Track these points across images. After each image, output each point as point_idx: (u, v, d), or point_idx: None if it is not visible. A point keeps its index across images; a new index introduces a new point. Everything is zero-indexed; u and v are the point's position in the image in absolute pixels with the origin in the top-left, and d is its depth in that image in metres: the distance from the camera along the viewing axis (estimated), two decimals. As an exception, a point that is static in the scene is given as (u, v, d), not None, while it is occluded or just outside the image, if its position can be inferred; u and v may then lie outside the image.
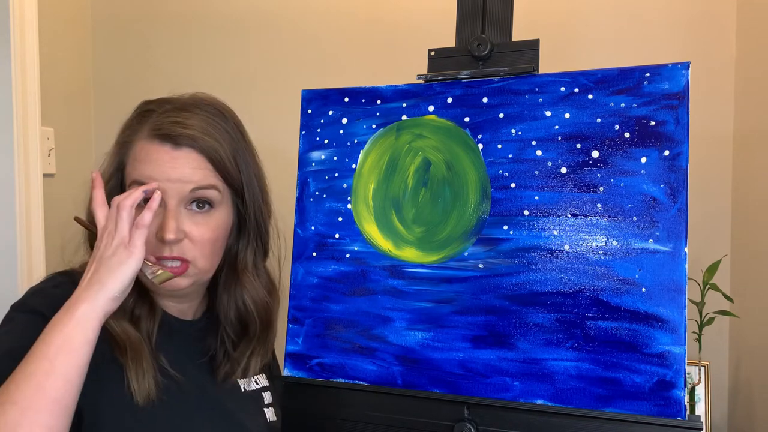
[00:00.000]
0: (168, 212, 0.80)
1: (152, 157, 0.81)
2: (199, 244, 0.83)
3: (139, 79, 1.77)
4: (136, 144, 0.84)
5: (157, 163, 0.81)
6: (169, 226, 0.79)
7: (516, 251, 0.88)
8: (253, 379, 0.94)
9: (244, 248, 0.91)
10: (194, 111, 0.85)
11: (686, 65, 0.83)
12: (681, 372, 0.78)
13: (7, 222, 1.47)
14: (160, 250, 0.81)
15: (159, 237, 0.80)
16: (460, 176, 0.92)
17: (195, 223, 0.83)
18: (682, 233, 0.81)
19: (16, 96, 1.46)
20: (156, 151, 0.82)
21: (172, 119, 0.83)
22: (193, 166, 0.82)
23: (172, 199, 0.81)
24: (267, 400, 0.95)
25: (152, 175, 0.81)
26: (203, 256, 0.84)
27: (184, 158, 0.82)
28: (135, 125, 0.85)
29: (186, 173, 0.81)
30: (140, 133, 0.84)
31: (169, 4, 1.76)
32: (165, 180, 0.80)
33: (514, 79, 0.91)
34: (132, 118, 0.87)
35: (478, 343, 0.88)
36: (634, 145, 0.84)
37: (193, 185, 0.82)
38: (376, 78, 1.15)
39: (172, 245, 0.81)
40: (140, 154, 0.83)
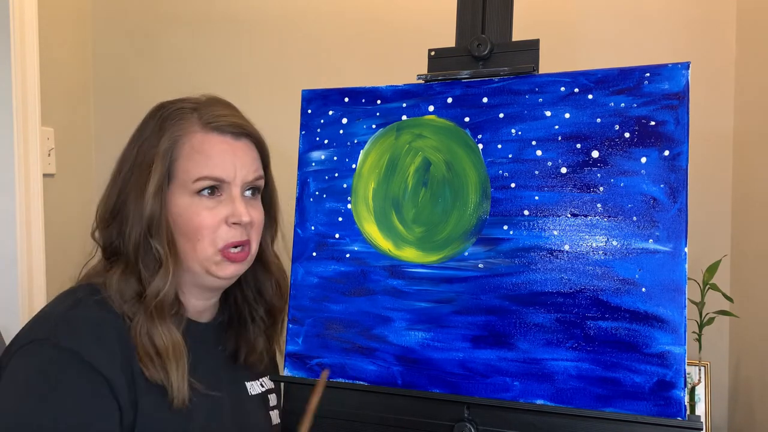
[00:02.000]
0: (236, 199, 0.85)
1: (217, 149, 0.85)
2: (257, 226, 0.89)
3: (139, 79, 1.77)
4: (190, 137, 0.85)
5: (223, 155, 0.85)
6: (242, 210, 0.85)
7: (516, 251, 0.88)
8: (258, 381, 0.95)
9: (266, 231, 0.96)
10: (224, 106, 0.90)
11: (686, 65, 0.83)
12: (681, 372, 0.78)
13: (7, 222, 1.46)
14: (232, 235, 0.85)
15: (232, 221, 0.85)
16: (460, 176, 0.92)
17: (252, 208, 0.89)
18: (682, 233, 0.81)
19: (16, 96, 1.46)
20: (220, 142, 0.85)
21: (217, 112, 0.87)
22: (252, 156, 0.89)
23: (238, 187, 0.86)
24: (272, 403, 0.96)
25: (221, 166, 0.84)
26: (257, 239, 0.90)
27: (244, 148, 0.88)
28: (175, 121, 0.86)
29: (247, 163, 0.88)
30: (191, 127, 0.85)
31: (169, 5, 1.76)
32: (231, 170, 0.85)
33: (514, 79, 0.91)
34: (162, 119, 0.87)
35: (478, 343, 0.88)
36: (634, 145, 0.84)
37: (253, 175, 0.88)
38: (376, 78, 1.15)
39: (243, 228, 0.86)
40: (201, 147, 0.84)
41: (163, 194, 0.84)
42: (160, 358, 0.80)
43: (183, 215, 0.84)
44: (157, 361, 0.79)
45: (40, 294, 1.51)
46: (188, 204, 0.84)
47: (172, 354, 0.80)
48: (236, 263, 0.86)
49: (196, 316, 0.91)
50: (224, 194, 0.85)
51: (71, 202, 1.71)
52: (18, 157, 1.47)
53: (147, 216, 0.83)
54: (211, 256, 0.84)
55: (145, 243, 0.83)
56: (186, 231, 0.84)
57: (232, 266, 0.86)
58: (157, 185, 0.83)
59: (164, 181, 0.84)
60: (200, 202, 0.84)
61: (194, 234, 0.83)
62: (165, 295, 0.82)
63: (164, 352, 0.80)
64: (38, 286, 1.52)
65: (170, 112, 0.87)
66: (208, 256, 0.84)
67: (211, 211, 0.84)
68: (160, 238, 0.83)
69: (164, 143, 0.85)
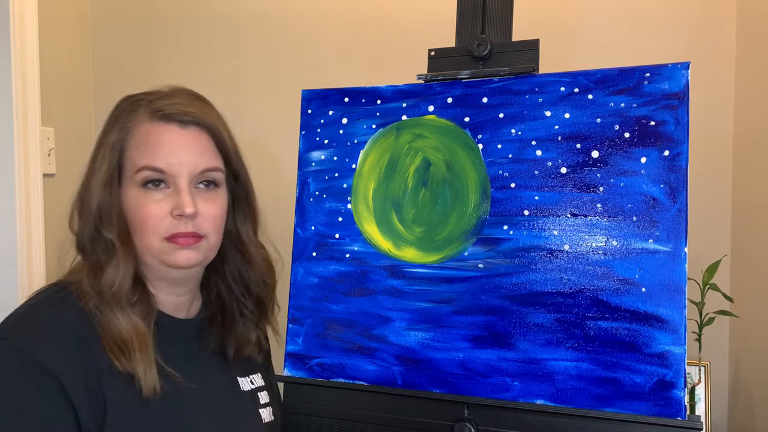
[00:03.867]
0: (182, 190, 0.83)
1: (161, 138, 0.83)
2: (211, 219, 0.86)
3: (139, 79, 1.76)
4: (137, 128, 0.84)
5: (167, 144, 0.83)
6: (185, 201, 0.82)
7: (516, 251, 0.88)
8: (249, 378, 0.94)
9: (243, 223, 0.94)
10: (185, 96, 0.87)
11: (686, 65, 0.83)
12: (681, 372, 0.78)
13: (7, 222, 1.46)
14: (176, 227, 0.83)
15: (176, 213, 0.82)
16: (460, 176, 0.92)
17: (205, 200, 0.85)
18: (682, 233, 0.81)
19: (16, 96, 1.46)
20: (164, 131, 0.83)
21: (169, 101, 0.85)
22: (201, 146, 0.85)
23: (184, 178, 0.83)
24: (263, 400, 0.95)
25: (164, 156, 0.82)
26: (214, 232, 0.87)
27: (192, 137, 0.84)
28: (130, 112, 0.85)
29: (195, 153, 0.84)
30: (139, 117, 0.84)
31: (169, 5, 1.76)
32: (176, 160, 0.83)
33: (514, 79, 0.91)
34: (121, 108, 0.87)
35: (478, 343, 0.88)
36: (634, 145, 0.84)
37: (202, 167, 0.85)
38: (376, 78, 1.15)
39: (188, 220, 0.83)
40: (146, 137, 0.83)
41: (113, 186, 0.84)
42: (125, 346, 0.80)
43: (132, 208, 0.83)
44: (123, 349, 0.79)
45: (40, 294, 1.51)
46: (135, 196, 0.83)
47: (136, 341, 0.80)
48: (186, 248, 0.84)
49: (172, 311, 0.90)
50: (171, 186, 0.83)
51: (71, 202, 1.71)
52: (18, 157, 1.47)
53: (96, 207, 0.83)
54: (158, 246, 0.83)
55: (97, 234, 0.84)
56: (134, 223, 0.84)
57: (184, 252, 0.84)
58: (106, 177, 0.83)
59: (114, 173, 0.84)
60: (146, 194, 0.83)
61: (141, 226, 0.83)
62: (119, 285, 0.82)
63: (128, 341, 0.80)
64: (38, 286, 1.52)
65: (127, 103, 0.87)
66: (155, 246, 0.83)
67: (157, 204, 0.83)
68: (110, 229, 0.83)
69: (114, 134, 0.85)
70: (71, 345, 0.78)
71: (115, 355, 0.79)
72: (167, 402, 0.82)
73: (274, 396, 0.98)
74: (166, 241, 0.83)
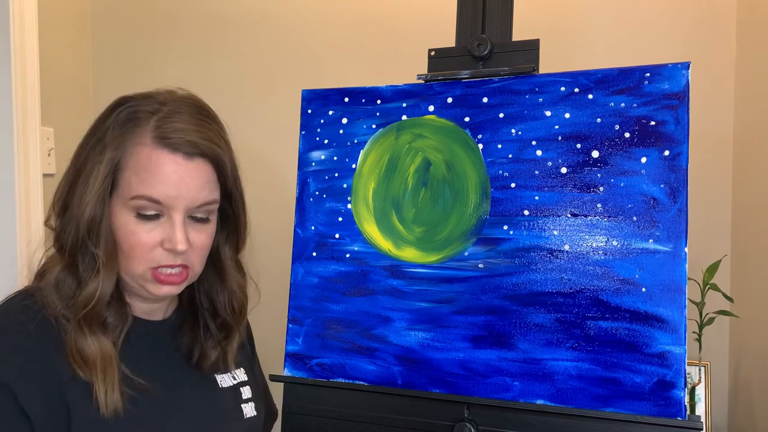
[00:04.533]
0: (176, 223, 0.80)
1: (164, 169, 0.79)
2: (200, 251, 0.83)
3: (139, 79, 1.77)
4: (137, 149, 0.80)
5: (170, 176, 0.79)
6: (179, 237, 0.79)
7: (516, 251, 0.88)
8: (230, 373, 0.93)
9: (224, 242, 0.90)
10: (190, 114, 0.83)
11: (686, 65, 0.83)
12: (681, 372, 0.78)
13: (7, 222, 1.46)
14: (165, 258, 0.81)
15: (167, 247, 0.80)
16: (460, 176, 0.92)
17: (197, 232, 0.83)
18: (682, 233, 0.81)
19: (16, 96, 1.46)
20: (167, 162, 0.79)
21: (176, 125, 0.81)
22: (204, 179, 0.81)
23: (180, 212, 0.80)
24: (246, 395, 0.94)
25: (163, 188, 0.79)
26: (201, 262, 0.85)
27: (197, 171, 0.81)
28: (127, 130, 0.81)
29: (197, 187, 0.81)
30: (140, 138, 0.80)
31: (169, 5, 1.76)
32: (175, 194, 0.79)
33: (514, 79, 0.91)
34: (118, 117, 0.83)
35: (478, 343, 0.88)
36: (634, 145, 0.84)
37: (201, 201, 0.81)
38: (376, 78, 1.15)
39: (177, 254, 0.81)
40: (147, 163, 0.79)
41: (105, 202, 0.80)
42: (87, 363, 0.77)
43: (121, 230, 0.80)
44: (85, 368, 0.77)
45: (40, 294, 1.51)
46: (126, 221, 0.80)
47: (100, 364, 0.78)
48: (170, 285, 0.82)
49: (147, 315, 0.89)
50: (164, 216, 0.80)
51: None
52: (18, 157, 1.47)
53: (86, 221, 0.80)
54: (142, 274, 0.81)
55: (83, 247, 0.81)
56: (121, 245, 0.81)
57: (166, 287, 0.82)
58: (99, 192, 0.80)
59: (107, 189, 0.80)
60: (138, 220, 0.80)
61: (128, 252, 0.80)
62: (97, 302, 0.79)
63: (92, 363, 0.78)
64: (38, 286, 1.52)
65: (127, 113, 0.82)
66: (139, 273, 0.81)
67: (149, 233, 0.80)
68: (97, 245, 0.80)
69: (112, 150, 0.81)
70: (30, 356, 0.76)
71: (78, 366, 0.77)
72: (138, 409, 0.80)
73: (258, 390, 0.96)
74: (151, 271, 0.81)
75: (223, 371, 0.92)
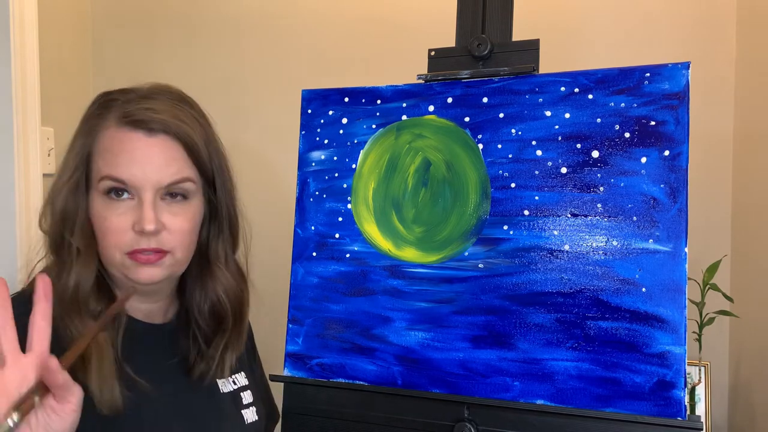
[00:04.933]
0: (145, 203, 0.78)
1: (125, 147, 0.78)
2: (178, 234, 0.81)
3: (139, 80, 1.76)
4: (103, 133, 0.79)
5: (131, 153, 0.78)
6: (147, 216, 0.77)
7: (516, 251, 0.88)
8: (230, 378, 0.91)
9: (215, 239, 0.88)
10: (160, 98, 0.82)
11: (686, 65, 0.83)
12: (681, 372, 0.78)
13: (7, 222, 1.46)
14: (137, 242, 0.78)
15: (137, 229, 0.78)
16: (460, 176, 0.92)
17: (172, 214, 0.80)
18: (682, 233, 0.81)
19: (16, 96, 1.46)
20: (129, 139, 0.78)
21: (141, 105, 0.79)
22: (169, 155, 0.79)
23: (148, 191, 0.78)
24: (246, 400, 0.92)
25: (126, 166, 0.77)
26: (182, 247, 0.82)
27: (160, 146, 0.79)
28: (98, 115, 0.81)
29: (161, 164, 0.78)
30: (107, 122, 0.80)
31: (169, 4, 1.76)
32: (139, 172, 0.77)
33: (514, 79, 0.91)
34: (93, 108, 0.83)
35: (478, 343, 0.88)
36: (634, 145, 0.84)
37: (169, 179, 0.79)
38: (376, 78, 1.15)
39: (150, 237, 0.78)
40: (110, 144, 0.78)
41: (79, 191, 0.80)
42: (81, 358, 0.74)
43: (95, 218, 0.80)
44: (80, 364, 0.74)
45: (40, 294, 1.51)
46: (100, 206, 0.79)
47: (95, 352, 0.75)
48: (148, 266, 0.79)
49: (146, 317, 0.87)
50: (135, 198, 0.78)
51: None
52: (18, 157, 1.47)
53: (60, 211, 0.80)
54: (120, 261, 0.79)
55: (60, 239, 0.81)
56: (98, 233, 0.80)
57: (146, 269, 0.79)
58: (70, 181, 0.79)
59: (81, 178, 0.80)
60: (110, 205, 0.78)
61: (103, 238, 0.79)
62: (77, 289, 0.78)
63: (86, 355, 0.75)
64: (38, 286, 1.52)
65: (101, 102, 0.82)
66: (117, 261, 0.79)
67: (119, 217, 0.78)
68: (72, 234, 0.80)
69: (81, 138, 0.81)
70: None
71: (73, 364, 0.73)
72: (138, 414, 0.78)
73: (259, 393, 0.95)
74: (128, 256, 0.79)
75: (223, 376, 0.90)
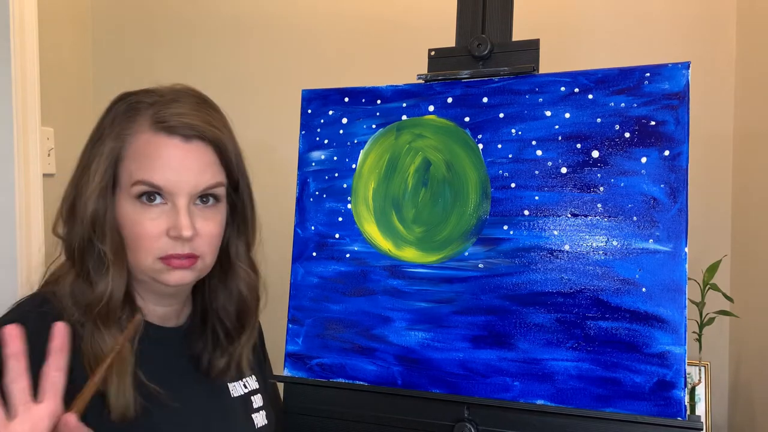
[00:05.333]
0: (181, 209, 0.78)
1: (162, 152, 0.78)
2: (209, 238, 0.81)
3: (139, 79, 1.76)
4: (136, 137, 0.79)
5: (167, 159, 0.78)
6: (184, 222, 0.77)
7: (516, 251, 0.88)
8: (241, 381, 0.92)
9: (235, 238, 0.88)
10: (188, 101, 0.82)
11: (686, 65, 0.83)
12: (681, 372, 0.78)
13: (7, 222, 1.46)
14: (171, 247, 0.79)
15: (173, 234, 0.78)
16: (460, 176, 0.92)
17: (204, 219, 0.81)
18: (682, 233, 0.81)
19: (16, 96, 1.46)
20: (165, 145, 0.78)
21: (173, 110, 0.80)
22: (205, 161, 0.80)
23: (184, 197, 0.79)
24: (256, 404, 0.92)
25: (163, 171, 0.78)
26: (211, 251, 0.83)
27: (196, 152, 0.80)
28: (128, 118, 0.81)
29: (197, 170, 0.79)
30: (139, 125, 0.80)
31: (169, 4, 1.76)
32: (175, 178, 0.78)
33: (514, 79, 0.91)
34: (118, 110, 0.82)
35: (478, 343, 0.88)
36: (634, 145, 0.84)
37: (204, 185, 0.80)
38: (376, 78, 1.15)
39: (184, 242, 0.79)
40: (145, 149, 0.79)
41: (107, 195, 0.79)
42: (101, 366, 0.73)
43: (126, 222, 0.79)
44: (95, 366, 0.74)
45: (40, 294, 1.51)
46: (131, 210, 0.78)
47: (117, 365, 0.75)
48: (181, 270, 0.80)
49: (161, 320, 0.87)
50: (169, 203, 0.79)
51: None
52: (18, 157, 1.47)
53: (89, 217, 0.79)
54: (151, 265, 0.79)
55: (89, 245, 0.79)
56: (128, 238, 0.79)
57: (177, 272, 0.80)
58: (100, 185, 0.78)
59: (108, 182, 0.79)
60: (142, 210, 0.78)
61: (134, 243, 0.79)
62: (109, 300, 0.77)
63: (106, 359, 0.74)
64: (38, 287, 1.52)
65: (125, 106, 0.81)
66: (148, 265, 0.79)
67: (153, 221, 0.78)
68: (104, 241, 0.79)
69: (111, 141, 0.80)
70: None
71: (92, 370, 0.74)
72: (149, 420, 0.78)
73: (268, 397, 0.95)
74: (160, 261, 0.79)
75: (235, 379, 0.90)
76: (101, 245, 0.79)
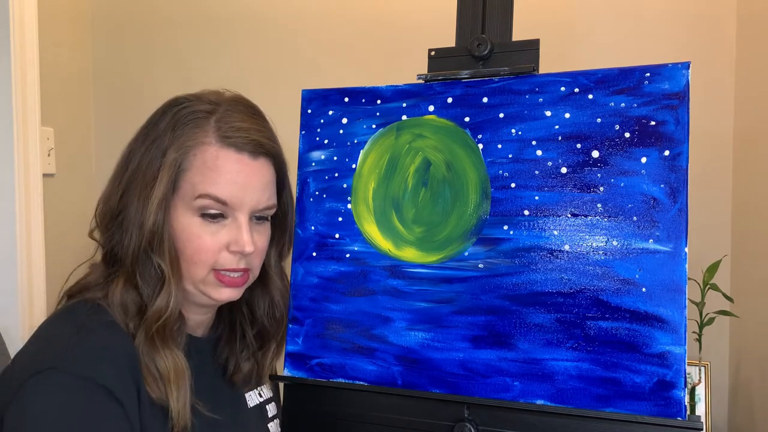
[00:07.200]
0: (243, 226, 0.79)
1: (230, 168, 0.78)
2: (261, 253, 0.84)
3: (139, 79, 1.77)
4: (203, 150, 0.79)
5: (234, 175, 0.79)
6: (246, 239, 0.79)
7: (516, 251, 0.88)
8: (257, 390, 0.92)
9: (272, 246, 0.91)
10: (246, 113, 0.83)
11: (686, 65, 0.83)
12: (681, 372, 0.78)
13: (7, 222, 1.46)
14: (230, 262, 0.80)
15: (234, 249, 0.79)
16: (460, 176, 0.92)
17: (258, 234, 0.83)
18: (682, 233, 0.81)
19: (16, 96, 1.46)
20: (235, 161, 0.79)
21: (237, 124, 0.80)
22: (266, 180, 0.82)
23: (245, 213, 0.80)
24: (271, 413, 0.93)
25: (229, 187, 0.78)
26: (259, 265, 0.85)
27: (261, 170, 0.81)
28: (189, 130, 0.79)
29: (260, 188, 0.81)
30: (204, 137, 0.79)
31: (169, 4, 1.76)
32: (240, 194, 0.79)
33: (514, 79, 0.91)
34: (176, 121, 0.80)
35: (478, 343, 0.88)
36: (634, 145, 0.84)
37: (265, 203, 0.82)
38: (376, 78, 1.15)
39: (242, 257, 0.80)
40: (213, 163, 0.78)
41: (166, 206, 0.78)
42: (162, 380, 0.75)
43: (183, 233, 0.78)
44: (159, 383, 0.75)
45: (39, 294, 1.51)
46: (189, 223, 0.78)
47: (173, 378, 0.75)
48: (232, 288, 0.81)
49: (193, 330, 0.87)
50: (229, 217, 0.79)
51: (71, 202, 1.71)
52: (18, 157, 1.47)
53: (149, 228, 0.77)
54: (204, 279, 0.79)
55: (145, 256, 0.78)
56: (184, 250, 0.78)
57: (227, 290, 0.81)
58: (162, 196, 0.77)
59: (169, 192, 0.78)
60: (203, 223, 0.78)
61: (191, 256, 0.78)
62: (168, 316, 0.77)
63: (165, 376, 0.75)
64: (38, 287, 1.52)
65: (185, 113, 0.80)
66: (201, 278, 0.79)
67: (214, 236, 0.78)
68: (162, 254, 0.77)
69: (174, 151, 0.78)
70: (125, 369, 0.73)
71: (149, 385, 0.75)
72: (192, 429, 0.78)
73: (280, 405, 0.96)
74: (213, 273, 0.79)
75: (254, 386, 0.91)
76: (159, 259, 0.77)
